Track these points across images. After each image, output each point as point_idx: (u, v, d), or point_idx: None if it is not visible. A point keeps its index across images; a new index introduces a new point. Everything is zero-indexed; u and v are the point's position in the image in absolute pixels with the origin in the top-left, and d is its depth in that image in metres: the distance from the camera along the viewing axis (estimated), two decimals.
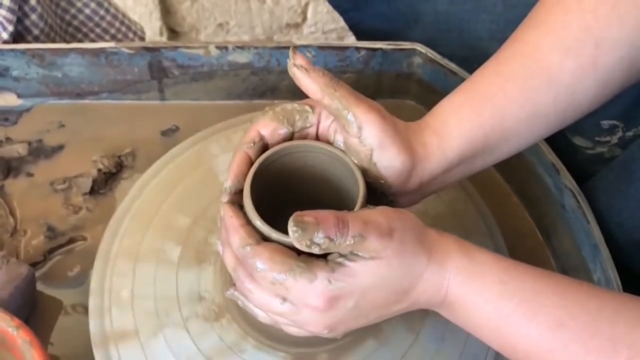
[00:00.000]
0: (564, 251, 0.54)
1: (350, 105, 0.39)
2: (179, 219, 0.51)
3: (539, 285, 0.36)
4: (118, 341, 0.45)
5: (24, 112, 0.61)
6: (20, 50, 0.58)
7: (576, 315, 0.35)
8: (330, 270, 0.35)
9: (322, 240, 0.34)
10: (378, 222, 0.36)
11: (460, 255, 0.37)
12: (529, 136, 0.43)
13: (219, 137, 0.56)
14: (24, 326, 0.40)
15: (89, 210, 0.56)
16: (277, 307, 0.37)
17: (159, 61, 0.59)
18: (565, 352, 0.35)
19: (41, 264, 0.52)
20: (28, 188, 0.56)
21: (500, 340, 0.37)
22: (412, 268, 0.36)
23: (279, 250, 0.36)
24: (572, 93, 0.42)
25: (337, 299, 0.36)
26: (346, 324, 0.37)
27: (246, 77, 0.61)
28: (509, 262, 0.37)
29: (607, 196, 0.52)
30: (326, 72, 0.39)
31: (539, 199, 0.57)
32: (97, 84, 0.61)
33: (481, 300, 0.36)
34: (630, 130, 0.57)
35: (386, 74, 0.62)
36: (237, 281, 0.39)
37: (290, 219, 0.34)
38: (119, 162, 0.58)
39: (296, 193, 0.41)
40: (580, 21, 0.41)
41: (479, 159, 0.42)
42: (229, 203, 0.39)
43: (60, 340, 0.49)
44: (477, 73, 0.43)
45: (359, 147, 0.40)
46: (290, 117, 0.41)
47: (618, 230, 0.51)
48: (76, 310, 0.50)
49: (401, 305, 0.37)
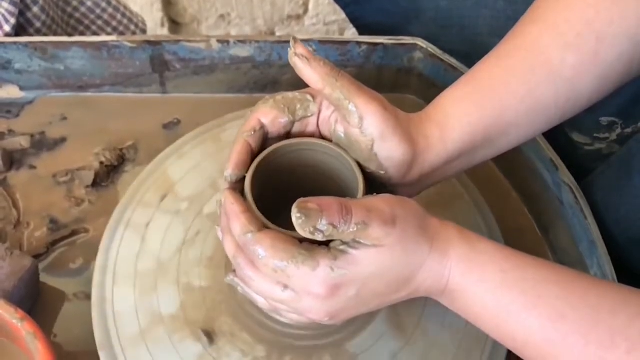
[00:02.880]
0: (561, 246, 0.55)
1: (352, 95, 0.39)
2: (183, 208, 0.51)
3: (539, 276, 0.36)
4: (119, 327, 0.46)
5: (26, 105, 0.61)
6: (22, 43, 0.58)
7: (577, 306, 0.35)
8: (332, 257, 0.35)
9: (326, 227, 0.34)
10: (381, 209, 0.36)
11: (462, 243, 0.37)
12: (528, 130, 0.43)
13: (224, 128, 0.56)
14: (28, 318, 0.40)
15: (91, 203, 0.56)
16: (279, 294, 0.37)
17: (161, 55, 0.60)
18: (564, 343, 0.35)
19: (44, 255, 0.52)
20: (31, 180, 0.57)
21: (500, 330, 0.37)
22: (414, 256, 0.36)
23: (281, 237, 0.36)
24: (573, 87, 0.42)
25: (339, 286, 0.36)
26: (347, 312, 0.38)
27: (247, 71, 0.61)
28: (510, 252, 0.37)
29: (605, 192, 0.52)
30: (327, 61, 0.39)
31: (537, 194, 0.57)
32: (99, 77, 0.61)
33: (482, 290, 0.36)
34: (629, 127, 0.57)
35: (387, 69, 0.62)
36: (238, 268, 0.38)
37: (293, 205, 0.34)
38: (121, 155, 0.58)
39: (295, 191, 0.41)
40: (582, 16, 0.41)
41: (479, 151, 0.43)
42: (229, 189, 0.39)
43: (63, 329, 0.49)
44: (479, 66, 0.43)
45: (360, 138, 0.39)
46: (292, 105, 0.41)
47: (615, 226, 0.51)
48: (78, 297, 0.50)
49: (402, 293, 0.38)
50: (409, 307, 0.46)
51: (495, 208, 0.54)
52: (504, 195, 0.59)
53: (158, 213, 0.51)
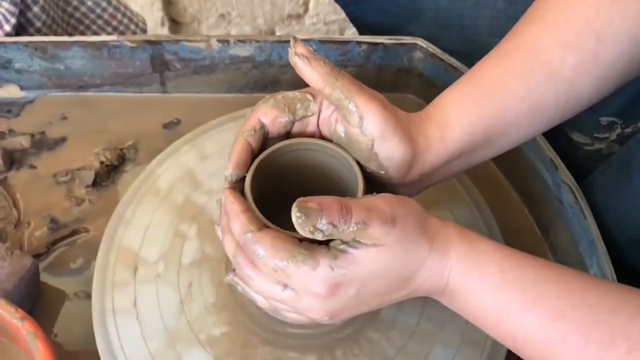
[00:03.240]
0: (561, 246, 0.55)
1: (352, 94, 0.39)
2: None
3: (539, 275, 0.36)
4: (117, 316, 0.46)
5: (26, 104, 0.61)
6: (22, 43, 0.58)
7: (576, 306, 0.35)
8: (332, 257, 0.35)
9: (326, 226, 0.34)
10: (381, 209, 0.36)
11: (462, 243, 0.37)
12: (528, 129, 0.43)
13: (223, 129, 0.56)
14: (28, 318, 0.40)
15: (91, 203, 0.56)
16: (278, 294, 0.37)
17: (161, 54, 0.60)
18: (564, 342, 0.35)
19: (44, 255, 0.53)
20: (31, 180, 0.57)
21: (500, 330, 0.37)
22: (414, 256, 0.36)
23: (280, 236, 0.36)
24: (573, 87, 0.42)
25: (339, 286, 0.36)
26: (347, 311, 0.38)
27: (247, 71, 0.62)
28: (510, 251, 0.37)
29: (604, 192, 0.53)
30: (327, 61, 0.39)
31: (537, 194, 0.57)
32: (99, 76, 0.61)
33: (482, 289, 0.36)
34: (628, 126, 0.57)
35: (387, 69, 0.62)
36: (237, 267, 0.38)
37: (293, 205, 0.34)
38: (121, 154, 0.59)
39: (295, 191, 0.41)
40: (582, 16, 0.41)
41: (479, 151, 0.43)
42: (229, 189, 0.39)
43: (63, 329, 0.49)
44: (479, 66, 0.43)
45: (360, 137, 0.39)
46: (292, 105, 0.41)
47: (615, 226, 0.51)
48: (78, 297, 0.50)
49: (402, 293, 0.38)
50: (409, 306, 0.46)
51: (495, 208, 0.54)
52: (503, 195, 0.59)
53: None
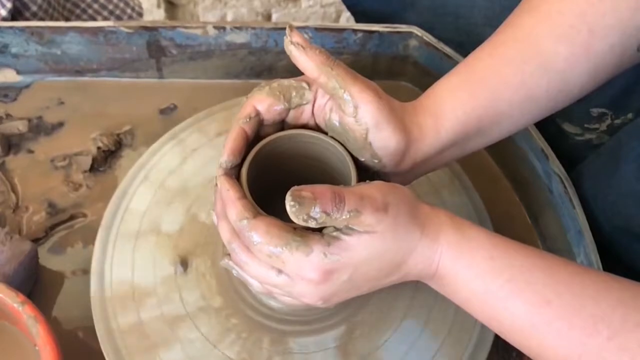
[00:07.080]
0: (550, 235, 0.56)
1: (347, 84, 0.39)
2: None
3: (527, 263, 0.37)
4: (116, 304, 0.47)
5: (23, 89, 0.62)
6: (19, 28, 0.58)
7: (562, 293, 0.36)
8: (325, 243, 0.36)
9: (319, 214, 0.35)
10: (373, 196, 0.36)
11: (452, 230, 0.38)
12: (520, 120, 0.44)
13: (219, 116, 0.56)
14: (28, 302, 0.41)
15: (88, 188, 0.56)
16: (273, 279, 0.38)
17: (157, 40, 0.60)
18: (549, 328, 0.36)
19: (43, 239, 0.53)
20: (29, 165, 0.57)
21: (487, 314, 0.38)
22: (405, 242, 0.37)
23: (275, 223, 0.37)
24: (565, 78, 0.42)
25: (332, 272, 0.37)
26: (340, 296, 0.38)
27: (244, 57, 0.62)
28: (499, 239, 0.38)
29: (593, 182, 0.53)
30: (323, 50, 0.39)
31: (528, 183, 0.58)
32: (96, 61, 0.61)
33: (471, 275, 0.37)
34: (618, 118, 0.58)
35: (382, 56, 0.62)
36: (233, 253, 0.39)
37: (287, 193, 0.35)
38: (118, 140, 0.59)
39: (289, 180, 0.41)
40: (575, 7, 0.41)
41: (472, 141, 0.43)
42: (225, 175, 0.39)
43: (62, 309, 0.50)
44: (473, 56, 0.44)
45: (355, 127, 0.40)
46: (287, 93, 0.41)
47: (602, 214, 0.52)
48: (75, 275, 0.51)
49: (393, 278, 0.38)
50: (399, 293, 0.47)
51: (486, 196, 0.55)
52: (494, 183, 0.59)
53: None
